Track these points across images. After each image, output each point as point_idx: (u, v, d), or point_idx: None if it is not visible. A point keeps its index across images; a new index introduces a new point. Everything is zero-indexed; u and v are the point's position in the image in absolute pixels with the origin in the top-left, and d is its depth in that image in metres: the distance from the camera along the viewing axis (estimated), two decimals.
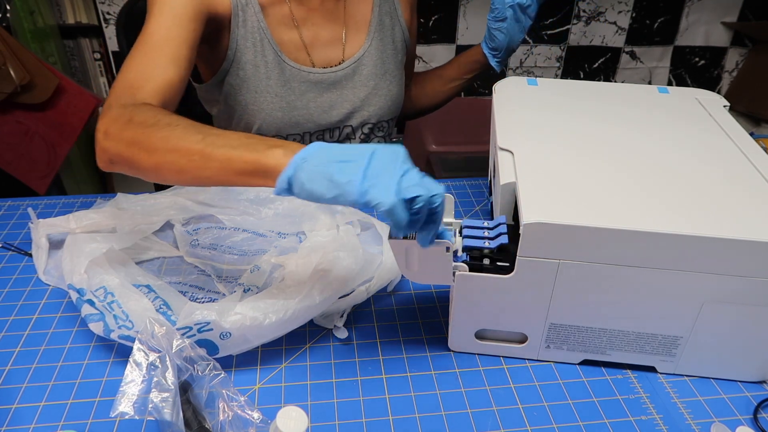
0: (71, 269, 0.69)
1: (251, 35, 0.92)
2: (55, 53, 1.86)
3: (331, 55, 0.99)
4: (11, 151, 1.61)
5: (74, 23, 1.97)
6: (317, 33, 0.98)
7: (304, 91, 0.97)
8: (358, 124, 1.03)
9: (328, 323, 0.70)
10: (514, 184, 0.63)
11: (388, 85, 1.02)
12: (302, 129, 0.99)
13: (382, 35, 1.01)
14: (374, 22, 1.00)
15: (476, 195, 0.97)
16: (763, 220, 0.56)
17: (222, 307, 0.61)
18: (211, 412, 0.55)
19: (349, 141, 1.04)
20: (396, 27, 1.03)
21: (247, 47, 0.92)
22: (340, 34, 0.99)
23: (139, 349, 0.54)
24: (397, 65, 1.05)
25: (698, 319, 0.60)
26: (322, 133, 1.02)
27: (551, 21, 2.20)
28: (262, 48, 0.93)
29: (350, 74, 0.99)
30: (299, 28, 0.96)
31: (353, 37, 1.00)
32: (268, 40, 0.93)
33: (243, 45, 0.92)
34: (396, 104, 1.06)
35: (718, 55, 2.33)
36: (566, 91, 0.84)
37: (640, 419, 0.60)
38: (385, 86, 1.02)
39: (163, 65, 0.76)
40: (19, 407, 0.60)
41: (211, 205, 0.85)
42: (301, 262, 0.73)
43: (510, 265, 0.60)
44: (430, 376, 0.65)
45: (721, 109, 0.80)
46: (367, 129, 1.04)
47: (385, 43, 1.02)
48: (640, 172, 0.64)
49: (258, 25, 0.92)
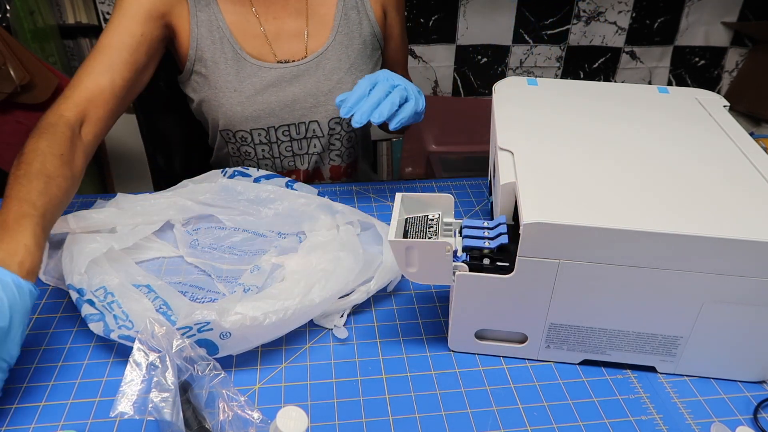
0: (71, 269, 0.69)
1: (209, 34, 0.96)
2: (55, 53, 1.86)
3: (294, 48, 1.00)
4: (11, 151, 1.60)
5: (74, 23, 1.97)
6: (280, 27, 0.99)
7: (265, 87, 0.98)
8: (323, 119, 1.03)
9: (328, 323, 0.70)
10: (514, 184, 0.63)
11: (353, 79, 1.02)
12: (265, 123, 1.01)
13: (347, 29, 1.01)
14: (338, 17, 1.01)
15: (476, 195, 0.97)
16: (763, 220, 0.56)
17: (222, 307, 0.61)
18: (211, 412, 0.55)
19: (315, 136, 1.05)
20: (364, 21, 1.03)
21: (206, 45, 0.96)
22: (303, 28, 1.00)
23: (139, 349, 0.54)
24: (365, 60, 1.04)
25: (698, 319, 0.60)
26: (288, 128, 1.03)
27: (551, 21, 2.20)
28: (221, 45, 0.96)
29: (313, 68, 1.00)
30: (261, 22, 0.98)
31: (317, 31, 1.01)
32: (227, 38, 0.96)
33: (203, 43, 0.96)
34: None
35: (718, 55, 2.33)
36: (566, 91, 0.84)
37: (640, 419, 0.60)
38: (351, 80, 1.02)
39: (96, 72, 0.84)
40: (19, 407, 0.60)
41: (211, 205, 0.85)
42: (301, 262, 0.73)
43: (510, 265, 0.60)
44: (430, 376, 0.65)
45: (721, 109, 0.80)
46: (333, 123, 1.04)
47: (351, 38, 1.02)
48: (640, 172, 0.64)
49: (217, 24, 0.96)
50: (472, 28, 2.18)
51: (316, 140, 1.05)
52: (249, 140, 1.03)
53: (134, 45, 0.88)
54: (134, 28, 0.88)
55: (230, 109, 0.98)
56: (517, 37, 2.22)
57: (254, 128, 1.02)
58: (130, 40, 0.88)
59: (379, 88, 0.81)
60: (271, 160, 1.06)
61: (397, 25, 1.09)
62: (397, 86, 0.82)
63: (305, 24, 1.00)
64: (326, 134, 1.05)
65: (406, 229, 0.64)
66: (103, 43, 0.87)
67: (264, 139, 1.03)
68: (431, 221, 0.66)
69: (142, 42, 0.89)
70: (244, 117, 1.00)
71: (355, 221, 0.82)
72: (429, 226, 0.65)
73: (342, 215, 0.82)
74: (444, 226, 0.66)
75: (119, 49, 0.87)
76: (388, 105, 0.80)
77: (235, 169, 0.90)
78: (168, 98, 1.13)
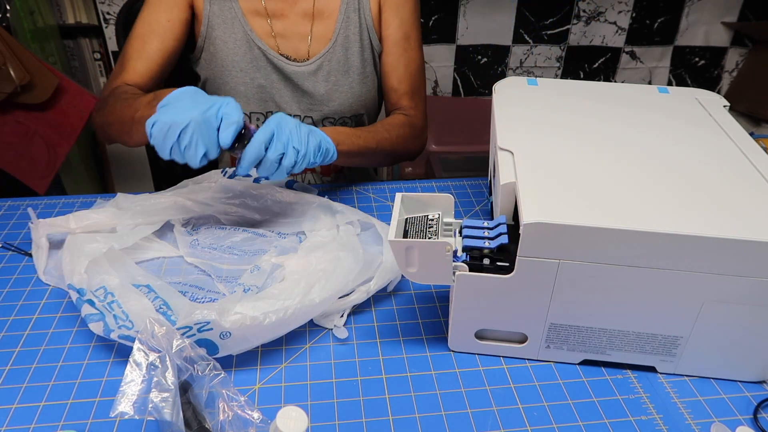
0: (71, 269, 0.69)
1: (221, 13, 0.99)
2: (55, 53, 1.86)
3: (297, 48, 1.02)
4: (11, 151, 1.61)
5: (74, 23, 1.97)
6: (287, 26, 1.01)
7: (269, 72, 1.01)
8: (318, 119, 1.04)
9: (328, 323, 0.70)
10: (514, 184, 0.63)
11: (350, 82, 1.03)
12: (265, 108, 1.03)
13: (348, 32, 1.01)
14: (341, 19, 1.01)
15: (476, 195, 0.97)
16: (763, 220, 0.56)
17: (222, 306, 0.61)
18: (211, 412, 0.55)
19: None
20: (363, 24, 1.02)
21: (218, 23, 0.99)
22: (308, 30, 1.01)
23: (139, 349, 0.54)
24: (363, 62, 1.03)
25: (698, 319, 0.60)
26: None
27: (551, 21, 2.20)
28: (232, 26, 0.99)
29: (313, 70, 1.01)
30: (270, 19, 1.00)
31: (320, 33, 1.02)
32: (239, 19, 0.99)
33: (214, 22, 0.99)
34: (360, 102, 1.05)
35: (718, 55, 2.33)
36: (566, 91, 0.84)
37: (640, 419, 0.60)
38: (347, 84, 1.02)
39: (132, 59, 0.94)
40: (19, 407, 0.60)
41: (211, 205, 0.85)
42: (301, 262, 0.73)
43: (510, 265, 0.60)
44: (430, 376, 0.65)
45: (721, 109, 0.80)
46: (328, 123, 1.05)
47: (351, 41, 1.02)
48: (640, 172, 0.64)
49: (230, 6, 0.99)
50: (472, 28, 2.18)
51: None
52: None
53: (162, 33, 0.96)
54: (161, 16, 0.96)
55: (234, 88, 1.01)
56: (517, 37, 2.22)
57: (254, 111, 1.03)
58: (159, 29, 0.96)
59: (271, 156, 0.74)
60: None
61: (391, 26, 1.03)
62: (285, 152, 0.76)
63: (310, 26, 1.01)
64: None
65: (406, 229, 0.64)
66: (137, 32, 0.96)
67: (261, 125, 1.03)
68: (431, 221, 0.66)
69: (168, 28, 0.96)
70: (248, 97, 1.02)
71: (355, 221, 0.82)
72: (429, 226, 0.65)
73: (342, 215, 0.82)
74: (444, 226, 0.66)
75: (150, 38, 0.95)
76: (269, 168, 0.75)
77: (235, 169, 0.90)
78: None
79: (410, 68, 1.05)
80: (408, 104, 1.05)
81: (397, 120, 1.02)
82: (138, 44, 0.95)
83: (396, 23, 1.03)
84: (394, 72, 1.04)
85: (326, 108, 1.03)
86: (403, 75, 1.05)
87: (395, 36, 1.03)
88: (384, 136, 0.97)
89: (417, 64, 1.06)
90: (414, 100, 1.05)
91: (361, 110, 1.07)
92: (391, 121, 1.01)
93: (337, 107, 1.04)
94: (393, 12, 1.02)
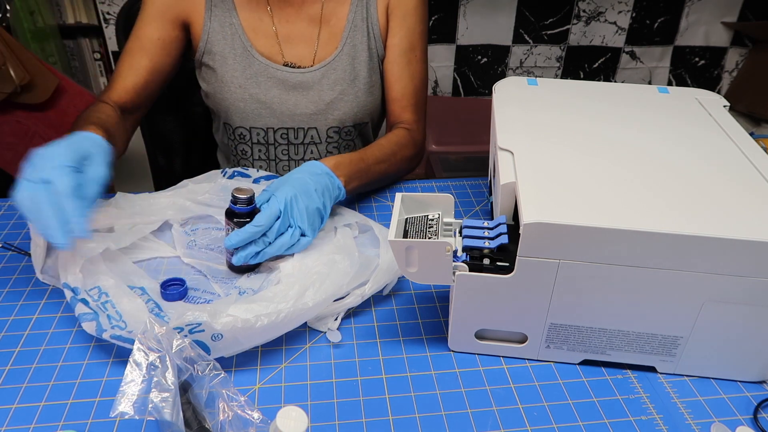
0: (66, 268, 0.69)
1: (221, 29, 0.98)
2: (55, 53, 1.86)
3: (302, 53, 1.00)
4: (11, 151, 1.60)
5: (74, 23, 1.97)
6: (292, 30, 1.00)
7: (269, 87, 1.00)
8: (323, 127, 1.03)
9: (321, 326, 0.69)
10: (514, 184, 0.63)
11: (356, 91, 1.01)
12: (264, 123, 1.02)
13: (355, 40, 1.00)
14: (348, 27, 1.00)
15: (476, 195, 0.97)
16: (763, 220, 0.56)
17: (214, 308, 0.61)
18: (211, 412, 0.55)
19: (313, 142, 1.04)
20: (370, 32, 1.01)
21: (217, 39, 0.99)
22: (315, 36, 1.00)
23: (139, 349, 0.54)
24: (370, 71, 1.02)
25: (698, 319, 0.60)
26: (286, 132, 1.03)
27: (551, 21, 2.20)
28: (232, 41, 0.98)
29: (318, 78, 1.00)
30: (275, 22, 0.99)
31: (327, 40, 1.00)
32: (238, 34, 0.98)
33: (214, 37, 0.99)
34: (365, 111, 1.04)
35: (718, 55, 2.33)
36: (566, 91, 0.84)
37: (640, 419, 0.60)
38: (353, 92, 1.01)
39: (122, 74, 0.96)
40: (19, 407, 0.60)
41: (210, 205, 0.85)
42: (297, 265, 0.72)
43: (510, 265, 0.60)
44: (430, 376, 0.65)
45: (721, 109, 0.80)
46: (332, 132, 1.04)
47: (358, 49, 1.00)
48: (640, 172, 0.64)
49: (230, 20, 0.98)
50: (472, 28, 2.18)
51: (313, 146, 1.05)
52: (247, 138, 1.03)
53: (152, 49, 0.96)
54: (152, 33, 0.96)
55: (233, 104, 1.00)
56: (517, 37, 2.22)
57: (253, 127, 1.02)
58: (149, 45, 0.96)
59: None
60: (266, 162, 1.06)
61: (397, 35, 1.01)
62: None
63: (317, 32, 1.00)
64: (324, 141, 1.05)
65: (406, 229, 0.64)
66: (128, 47, 0.97)
67: (262, 140, 1.03)
68: (431, 221, 0.66)
69: (159, 45, 0.97)
70: (246, 113, 1.00)
71: (354, 223, 0.82)
72: (429, 226, 0.65)
73: (340, 217, 0.82)
74: (444, 226, 0.66)
75: (139, 54, 0.96)
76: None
77: (234, 170, 0.90)
78: (169, 99, 1.13)
79: (415, 81, 1.04)
80: (411, 118, 1.03)
81: (402, 139, 0.99)
82: (128, 59, 0.96)
83: (403, 32, 1.01)
84: (398, 83, 1.03)
85: (331, 116, 1.02)
86: (408, 88, 1.03)
87: (401, 45, 1.01)
88: (391, 161, 0.95)
89: (421, 77, 1.05)
90: (417, 114, 1.04)
91: (366, 119, 1.06)
92: (396, 141, 0.98)
93: (341, 116, 1.02)
94: (400, 20, 1.01)
